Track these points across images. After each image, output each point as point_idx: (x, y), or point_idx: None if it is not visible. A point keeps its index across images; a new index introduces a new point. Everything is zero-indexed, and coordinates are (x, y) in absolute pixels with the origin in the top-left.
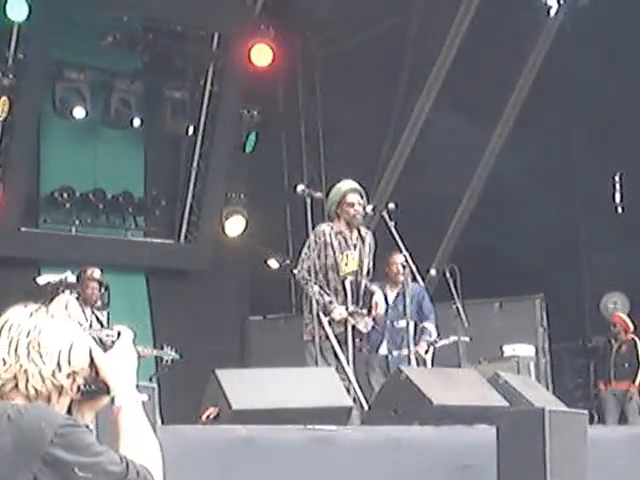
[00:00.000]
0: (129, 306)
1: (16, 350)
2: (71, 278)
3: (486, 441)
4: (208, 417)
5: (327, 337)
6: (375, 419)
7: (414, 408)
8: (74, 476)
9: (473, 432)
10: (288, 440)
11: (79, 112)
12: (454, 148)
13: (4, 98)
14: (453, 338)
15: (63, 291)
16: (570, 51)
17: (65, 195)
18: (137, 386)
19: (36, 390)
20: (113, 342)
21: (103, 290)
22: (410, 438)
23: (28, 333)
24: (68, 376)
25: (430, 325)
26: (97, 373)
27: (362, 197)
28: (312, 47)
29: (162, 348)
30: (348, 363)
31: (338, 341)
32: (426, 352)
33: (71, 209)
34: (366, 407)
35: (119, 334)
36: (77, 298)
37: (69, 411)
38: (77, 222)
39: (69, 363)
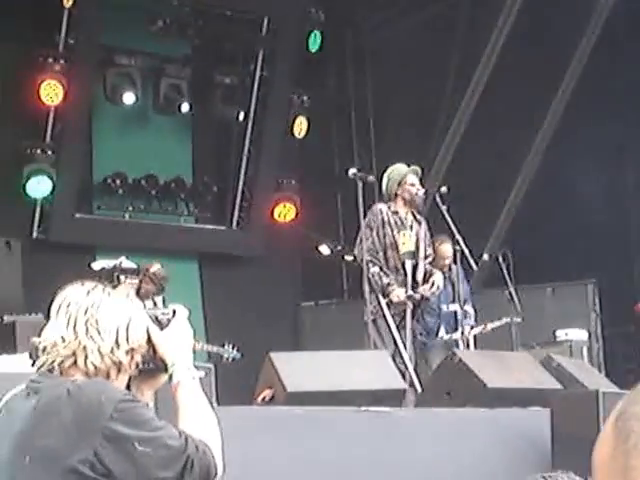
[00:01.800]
0: (181, 292)
1: (75, 327)
2: (125, 264)
3: (540, 423)
4: (263, 399)
5: (385, 319)
6: (428, 401)
7: (467, 391)
8: (134, 450)
9: (527, 414)
10: (342, 421)
11: (129, 98)
12: (506, 133)
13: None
14: (505, 320)
15: (118, 276)
16: (620, 35)
17: (118, 181)
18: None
19: (95, 366)
20: (169, 320)
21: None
22: (463, 420)
23: (86, 310)
24: (127, 353)
25: (470, 309)
26: (154, 351)
27: (419, 179)
28: (362, 31)
29: (223, 346)
30: (405, 346)
31: (397, 324)
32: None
33: (124, 195)
34: (419, 388)
35: (174, 312)
36: (138, 290)
37: (128, 390)
38: (130, 208)
39: (127, 340)
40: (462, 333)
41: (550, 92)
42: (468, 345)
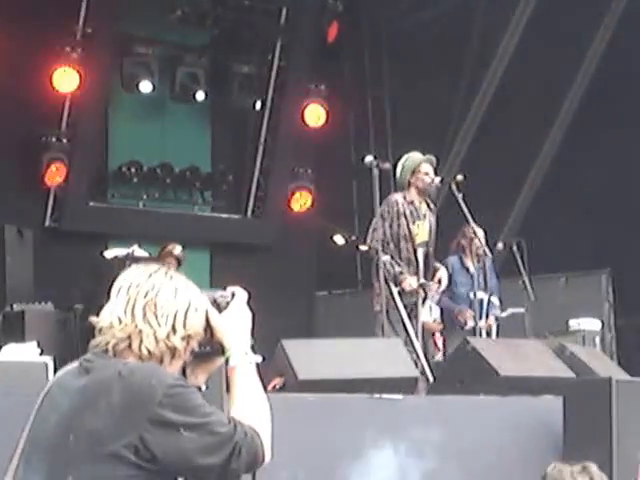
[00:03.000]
0: (193, 280)
1: (133, 310)
2: (138, 252)
3: (553, 412)
4: (274, 387)
5: (397, 308)
6: (441, 389)
7: (480, 379)
8: (180, 436)
9: (539, 403)
10: (354, 408)
11: (146, 86)
12: (521, 123)
13: None
14: (519, 309)
15: (130, 265)
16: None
17: (133, 170)
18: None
19: (149, 351)
20: (227, 303)
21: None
22: (476, 408)
23: (146, 294)
24: (183, 339)
25: (496, 300)
26: (212, 334)
27: (434, 168)
28: (379, 22)
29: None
30: (417, 335)
31: (408, 313)
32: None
33: (139, 184)
34: (431, 378)
35: (233, 295)
36: None
37: (183, 373)
38: (145, 197)
39: (184, 326)
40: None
41: (567, 82)
42: (489, 334)
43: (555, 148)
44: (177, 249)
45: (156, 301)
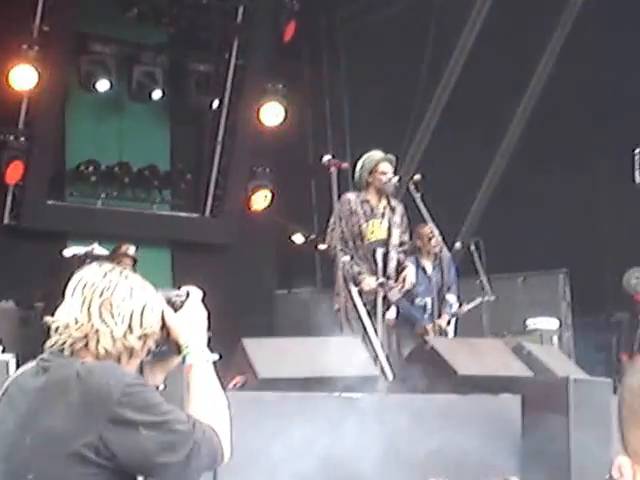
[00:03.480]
0: (153, 280)
1: (89, 309)
2: (98, 250)
3: (511, 410)
4: (235, 386)
5: (356, 307)
6: (400, 388)
7: (439, 378)
8: (139, 434)
9: (498, 401)
10: (314, 406)
11: (103, 85)
12: (480, 121)
13: None
14: (478, 300)
15: (90, 263)
16: (593, 26)
17: (91, 168)
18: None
19: (106, 350)
20: (182, 302)
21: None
22: (435, 406)
23: (101, 293)
24: (139, 338)
25: (452, 297)
26: (168, 333)
27: (393, 167)
28: (336, 22)
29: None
30: (376, 334)
31: (367, 312)
32: (448, 324)
33: (97, 182)
34: (390, 377)
35: (188, 294)
36: None
37: (140, 373)
38: (103, 195)
39: (141, 325)
40: (434, 322)
41: (524, 81)
42: (447, 335)
43: (511, 148)
44: (131, 249)
45: (112, 300)
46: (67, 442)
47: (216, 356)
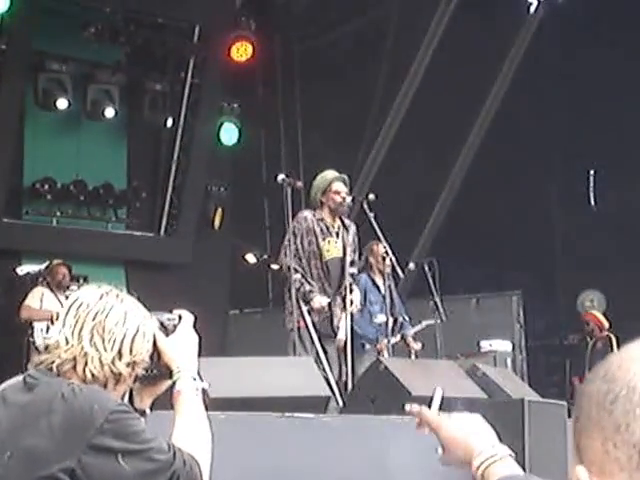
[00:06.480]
0: None
1: (80, 332)
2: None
3: None
4: None
5: (307, 327)
6: (354, 409)
7: (392, 398)
8: (118, 462)
9: None
10: (265, 426)
11: (62, 103)
12: (434, 142)
13: None
14: (426, 322)
15: (42, 281)
16: (549, 47)
17: (46, 186)
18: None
19: (93, 375)
20: (175, 326)
21: (72, 274)
22: (388, 427)
23: (95, 315)
24: (128, 365)
25: (405, 317)
26: (159, 357)
27: (346, 187)
28: (291, 41)
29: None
30: (326, 353)
31: (317, 330)
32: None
33: (53, 201)
34: (340, 400)
35: (180, 318)
36: (50, 288)
37: (130, 395)
38: (58, 214)
39: (131, 352)
40: (388, 341)
41: (480, 100)
42: (417, 354)
43: (465, 169)
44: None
45: (105, 324)
46: (45, 463)
47: (206, 384)
